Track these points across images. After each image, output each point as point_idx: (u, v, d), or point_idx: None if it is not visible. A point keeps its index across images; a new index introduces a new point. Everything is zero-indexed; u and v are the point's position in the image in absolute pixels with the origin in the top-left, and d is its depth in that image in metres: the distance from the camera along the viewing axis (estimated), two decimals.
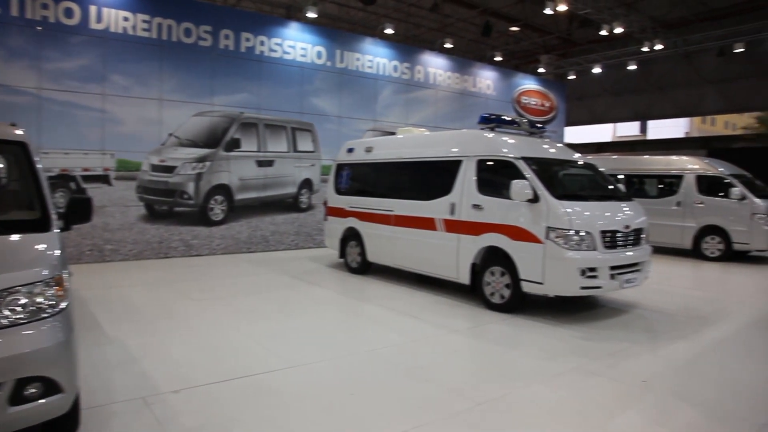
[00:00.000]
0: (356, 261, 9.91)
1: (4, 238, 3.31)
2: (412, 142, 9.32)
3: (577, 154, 8.40)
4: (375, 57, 14.83)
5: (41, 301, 3.04)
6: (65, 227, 3.79)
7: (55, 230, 3.55)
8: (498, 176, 7.38)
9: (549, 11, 15.97)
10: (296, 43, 13.25)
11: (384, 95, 15.05)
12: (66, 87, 10.16)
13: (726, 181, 12.21)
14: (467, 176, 7.75)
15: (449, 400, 4.35)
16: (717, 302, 8.35)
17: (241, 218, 12.45)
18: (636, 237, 7.19)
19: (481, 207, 7.45)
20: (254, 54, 12.53)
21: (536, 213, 6.76)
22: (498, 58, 21.50)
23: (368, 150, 9.93)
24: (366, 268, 9.81)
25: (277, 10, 19.27)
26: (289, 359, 5.24)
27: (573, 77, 23.76)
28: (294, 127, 13.27)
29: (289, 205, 13.31)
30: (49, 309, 3.06)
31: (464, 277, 7.69)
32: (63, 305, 3.15)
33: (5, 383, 2.83)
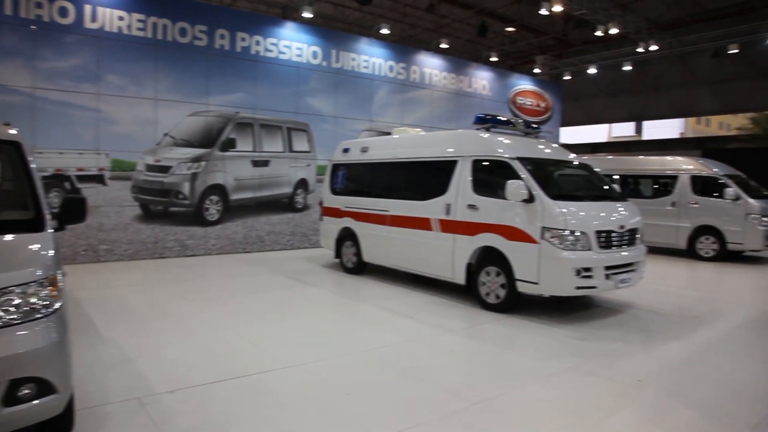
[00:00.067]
0: (352, 261, 9.91)
1: None
2: (408, 143, 9.32)
3: (573, 155, 8.42)
4: (371, 57, 14.83)
5: (35, 302, 3.03)
6: (59, 227, 3.78)
7: (49, 230, 3.53)
8: (493, 176, 7.39)
9: (544, 12, 16.00)
10: (292, 43, 13.24)
11: (380, 95, 15.05)
12: (60, 86, 10.12)
13: (720, 182, 12.26)
14: (463, 176, 7.75)
15: (445, 400, 4.35)
16: (711, 302, 8.39)
17: (237, 218, 12.43)
18: (631, 237, 7.22)
19: (477, 207, 7.46)
20: (250, 54, 12.51)
21: (531, 213, 6.77)
22: (494, 59, 21.54)
23: (364, 150, 9.93)
24: (362, 269, 9.80)
25: (273, 10, 19.26)
26: (285, 359, 5.23)
27: (568, 78, 23.84)
28: (289, 127, 13.25)
29: (285, 205, 13.30)
30: (43, 309, 3.04)
31: (460, 277, 7.70)
32: (57, 305, 3.13)
33: None
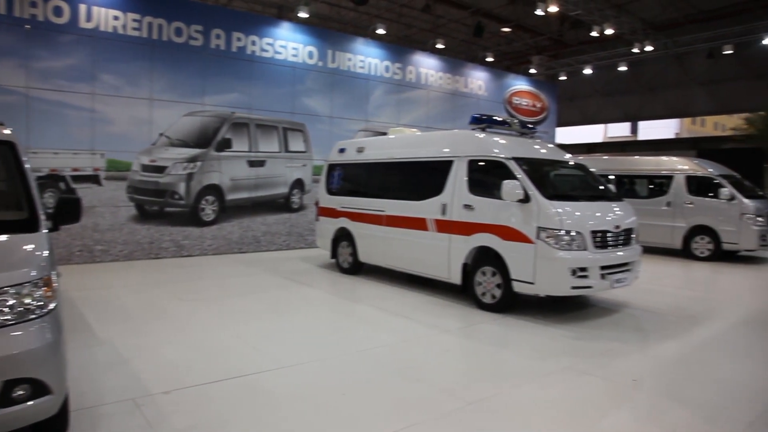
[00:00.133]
0: (348, 261, 9.90)
1: None
2: (404, 143, 9.33)
3: (568, 155, 8.44)
4: (366, 57, 14.83)
5: (29, 302, 3.02)
6: (54, 228, 3.77)
7: (44, 231, 3.52)
8: (489, 176, 7.40)
9: (540, 12, 16.05)
10: (288, 43, 13.22)
11: (375, 95, 15.05)
12: (55, 86, 10.08)
13: (715, 182, 12.31)
14: (458, 176, 7.76)
15: (441, 400, 4.35)
16: (706, 302, 8.43)
17: (233, 218, 12.41)
18: (626, 237, 7.23)
19: (473, 207, 7.46)
20: (245, 54, 12.49)
21: (527, 213, 6.78)
22: (489, 59, 21.57)
23: (360, 150, 9.92)
24: (358, 269, 9.80)
25: (269, 10, 19.23)
26: (281, 360, 5.23)
27: (564, 78, 23.88)
28: (285, 127, 13.24)
29: (281, 206, 13.28)
30: (38, 310, 3.03)
31: (456, 277, 7.71)
32: (51, 306, 3.12)
33: None
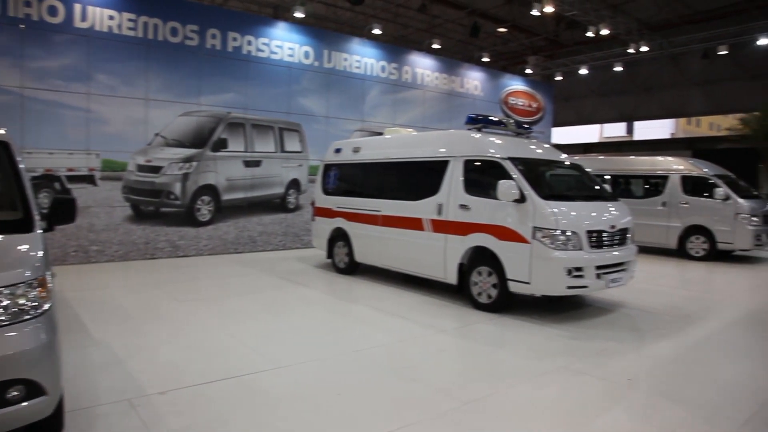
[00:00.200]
0: (344, 261, 9.90)
1: None
2: (400, 143, 9.33)
3: (564, 155, 8.45)
4: (363, 57, 14.83)
5: (24, 303, 3.01)
6: (48, 228, 3.76)
7: (38, 231, 3.51)
8: (485, 176, 7.41)
9: (536, 13, 16.07)
10: (284, 43, 13.21)
11: (372, 95, 15.05)
12: (50, 86, 10.04)
13: (710, 182, 12.35)
14: (454, 176, 7.77)
15: (436, 400, 4.36)
16: (701, 301, 8.45)
17: (229, 219, 12.38)
18: (622, 237, 7.25)
19: (468, 207, 7.47)
20: (241, 54, 12.47)
21: (523, 213, 6.79)
22: (485, 59, 21.61)
23: (356, 150, 9.92)
24: (354, 269, 9.79)
25: (265, 10, 19.22)
26: (277, 360, 5.22)
27: (560, 78, 23.95)
28: (281, 128, 13.23)
29: (277, 206, 13.26)
30: (32, 310, 3.03)
31: (451, 277, 7.71)
32: (46, 307, 3.11)
33: None
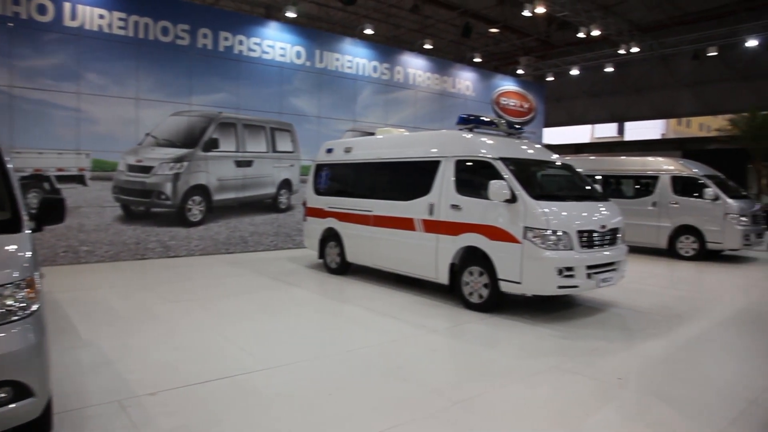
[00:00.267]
0: (335, 261, 9.89)
1: None
2: (391, 143, 9.33)
3: (555, 155, 8.48)
4: (354, 57, 14.82)
5: (11, 304, 2.99)
6: (37, 228, 3.73)
7: (27, 231, 3.48)
8: (476, 176, 7.43)
9: (528, 13, 16.13)
10: (275, 43, 13.18)
11: (363, 96, 15.04)
12: (39, 85, 9.96)
13: (700, 182, 12.44)
14: (446, 176, 7.78)
15: (428, 400, 4.36)
16: (691, 300, 8.51)
17: (220, 219, 12.34)
18: (612, 237, 7.29)
19: (460, 207, 7.48)
20: (233, 53, 12.43)
21: (514, 213, 6.81)
22: (477, 60, 21.66)
23: (347, 150, 9.91)
24: (345, 269, 9.79)
25: (257, 10, 19.17)
26: (268, 360, 5.21)
27: (551, 79, 24.04)
28: (273, 128, 13.19)
29: (268, 206, 13.23)
30: (20, 311, 3.00)
31: (443, 277, 7.72)
32: (34, 307, 3.09)
33: None
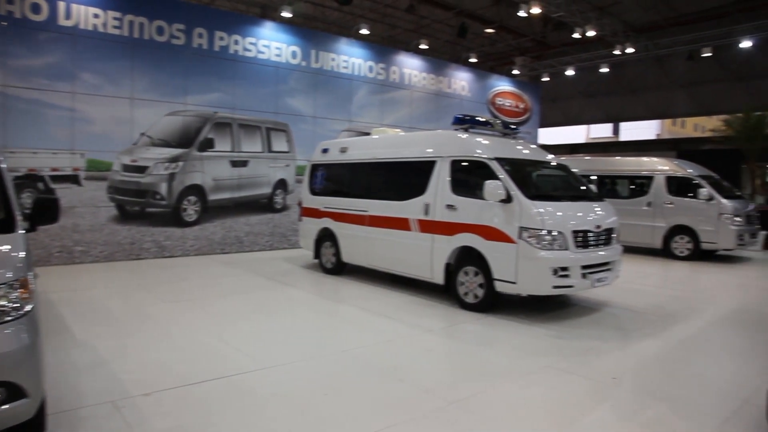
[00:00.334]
0: (331, 261, 9.88)
1: None
2: (387, 143, 9.33)
3: (550, 155, 8.50)
4: (350, 57, 14.82)
5: (5, 304, 2.98)
6: (31, 228, 3.72)
7: (20, 231, 3.47)
8: (472, 177, 7.43)
9: (523, 14, 16.15)
10: (271, 43, 13.16)
11: (359, 96, 15.04)
12: (34, 85, 9.92)
13: (694, 182, 12.49)
14: (441, 177, 7.78)
15: (423, 400, 4.36)
16: (685, 300, 8.54)
17: (215, 219, 12.32)
18: (607, 237, 7.31)
19: (455, 207, 7.49)
20: (228, 53, 12.41)
21: (509, 213, 6.82)
22: (473, 60, 21.67)
23: (343, 150, 9.91)
24: (341, 269, 9.78)
25: (252, 9, 19.14)
26: (263, 360, 5.20)
27: (547, 79, 24.07)
28: (268, 127, 13.18)
29: (264, 206, 13.22)
30: (14, 312, 3.00)
31: (438, 277, 7.73)
32: (28, 308, 3.08)
33: None
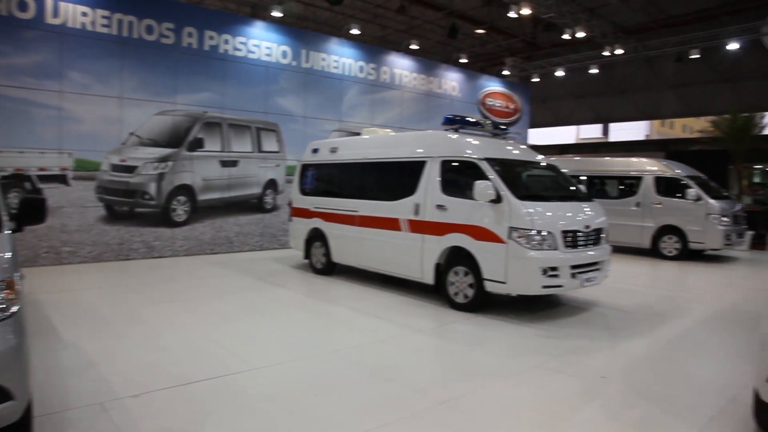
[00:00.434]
0: (321, 262, 9.86)
1: None
2: (377, 143, 9.33)
3: (540, 156, 8.54)
4: (341, 57, 14.80)
5: None
6: (17, 228, 3.69)
7: (6, 231, 3.44)
8: (462, 177, 7.45)
9: (513, 15, 16.20)
10: (261, 43, 13.12)
11: (349, 96, 15.03)
12: (21, 83, 9.82)
13: (683, 183, 12.60)
14: (431, 177, 7.79)
15: (412, 400, 4.37)
16: (674, 300, 8.62)
17: (205, 219, 12.26)
18: (596, 237, 7.35)
19: (445, 207, 7.50)
20: (218, 53, 12.36)
21: (499, 213, 6.84)
22: (463, 60, 21.72)
23: (333, 150, 9.90)
24: (331, 269, 9.77)
25: (243, 9, 19.06)
26: (253, 361, 5.19)
27: (537, 80, 24.16)
28: (259, 127, 13.14)
29: (254, 206, 13.17)
30: None
31: (428, 277, 7.74)
32: (14, 309, 3.05)
33: None
